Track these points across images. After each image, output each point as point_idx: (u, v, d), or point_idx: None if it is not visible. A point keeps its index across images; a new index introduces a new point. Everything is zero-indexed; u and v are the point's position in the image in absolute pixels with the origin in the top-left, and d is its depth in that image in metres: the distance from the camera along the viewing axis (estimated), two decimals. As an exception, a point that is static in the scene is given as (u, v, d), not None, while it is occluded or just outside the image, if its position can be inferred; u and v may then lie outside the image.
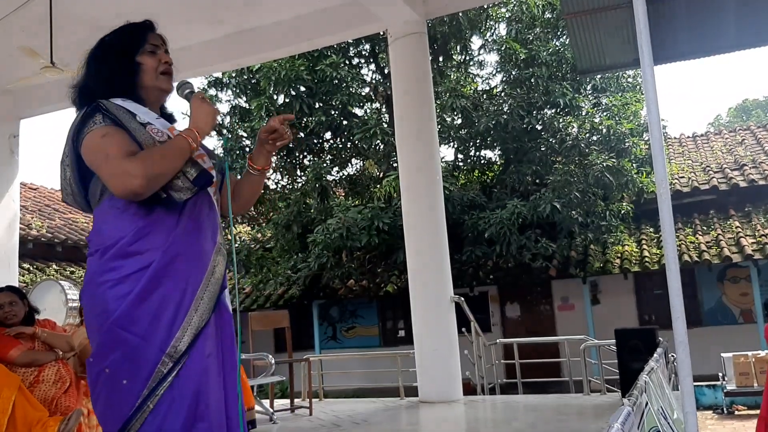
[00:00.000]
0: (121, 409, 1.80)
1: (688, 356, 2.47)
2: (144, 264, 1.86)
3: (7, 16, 6.40)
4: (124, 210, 1.90)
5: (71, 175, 1.99)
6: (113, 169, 1.84)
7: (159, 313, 1.85)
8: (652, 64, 2.97)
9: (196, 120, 2.02)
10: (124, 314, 1.82)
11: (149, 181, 1.84)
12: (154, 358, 1.82)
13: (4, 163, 8.36)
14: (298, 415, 6.48)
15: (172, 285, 1.88)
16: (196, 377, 1.86)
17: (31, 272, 12.87)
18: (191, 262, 1.93)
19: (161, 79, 2.09)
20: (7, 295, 4.44)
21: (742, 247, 12.96)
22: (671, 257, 2.45)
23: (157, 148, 1.92)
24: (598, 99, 14.82)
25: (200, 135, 2.00)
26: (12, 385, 3.86)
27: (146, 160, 1.86)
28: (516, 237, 13.06)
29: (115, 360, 1.82)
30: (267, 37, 7.47)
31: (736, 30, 6.47)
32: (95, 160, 1.89)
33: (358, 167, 15.66)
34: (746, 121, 28.70)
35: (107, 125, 1.91)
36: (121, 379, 1.81)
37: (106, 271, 1.87)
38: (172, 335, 1.84)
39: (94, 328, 1.89)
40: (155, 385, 1.81)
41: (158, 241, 1.89)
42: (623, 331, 5.98)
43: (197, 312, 1.90)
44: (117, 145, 1.87)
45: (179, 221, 1.94)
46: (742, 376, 10.38)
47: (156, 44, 2.11)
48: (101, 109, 1.94)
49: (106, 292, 1.85)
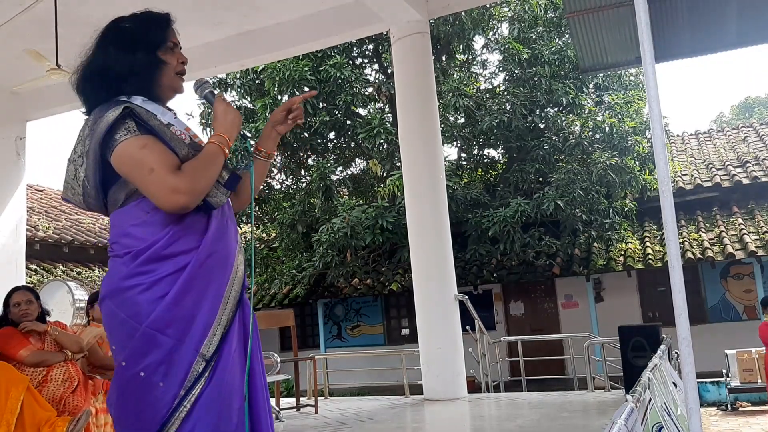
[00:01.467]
0: (158, 411, 1.79)
1: (692, 353, 2.50)
2: (179, 266, 1.86)
3: (12, 19, 6.44)
4: (155, 213, 1.88)
5: (86, 177, 1.93)
6: (159, 184, 1.82)
7: (193, 314, 1.85)
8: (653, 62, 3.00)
9: (223, 126, 1.99)
10: (160, 317, 1.81)
11: (197, 196, 1.85)
12: (190, 358, 1.82)
13: (11, 165, 8.40)
14: (303, 413, 6.51)
15: (204, 286, 1.88)
16: (226, 375, 1.87)
17: (38, 273, 12.94)
18: (220, 262, 1.94)
19: (176, 78, 2.06)
20: (24, 294, 4.49)
21: (745, 243, 12.96)
22: (674, 254, 2.48)
23: (198, 160, 1.90)
24: (601, 97, 14.83)
25: (229, 141, 1.98)
26: (20, 384, 3.89)
27: (191, 174, 1.85)
28: (519, 235, 13.08)
29: (151, 363, 1.80)
30: (271, 38, 7.49)
31: (738, 27, 6.48)
32: (135, 173, 1.85)
33: (362, 167, 15.69)
34: (749, 118, 28.64)
35: (143, 135, 1.87)
36: (157, 382, 1.80)
37: (138, 275, 1.85)
38: (205, 335, 1.85)
39: (122, 333, 1.85)
40: (190, 385, 1.81)
41: (191, 243, 1.89)
42: (627, 328, 5.99)
43: (225, 311, 1.92)
44: (159, 158, 1.84)
45: (209, 224, 1.94)
46: (746, 373, 10.39)
47: (175, 42, 2.06)
48: (134, 115, 1.89)
49: (139, 296, 1.83)
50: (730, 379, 10.60)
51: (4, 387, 3.80)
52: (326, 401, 7.46)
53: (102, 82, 1.96)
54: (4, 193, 8.22)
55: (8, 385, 3.82)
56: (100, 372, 4.76)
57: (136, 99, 1.97)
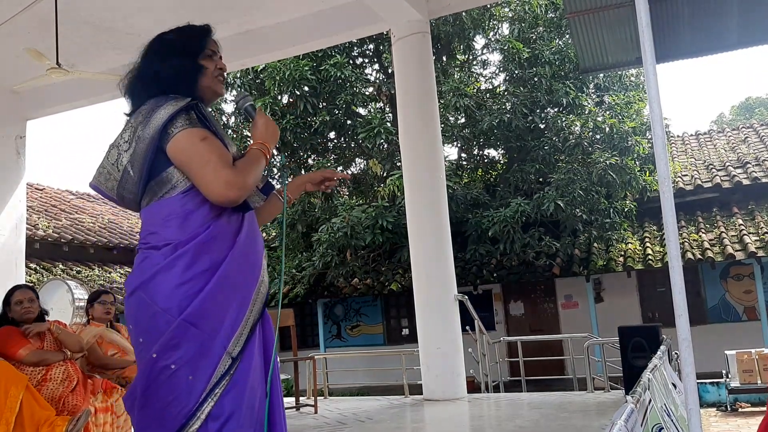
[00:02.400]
0: (186, 405, 1.82)
1: (692, 354, 2.50)
2: (215, 262, 1.91)
3: (12, 18, 6.44)
4: (196, 209, 1.94)
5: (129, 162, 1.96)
6: (215, 176, 1.89)
7: (225, 311, 1.89)
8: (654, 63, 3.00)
9: (264, 136, 2.10)
10: (196, 310, 1.85)
11: (245, 192, 1.95)
12: (218, 355, 1.86)
13: (10, 164, 8.40)
14: (303, 413, 6.51)
15: (235, 285, 1.94)
16: (250, 376, 1.91)
17: (37, 272, 12.93)
18: (250, 265, 2.02)
19: (216, 82, 2.16)
20: (26, 292, 4.50)
21: (745, 244, 12.96)
22: (674, 255, 2.47)
23: (248, 159, 2.01)
24: (601, 98, 14.84)
25: (269, 150, 2.10)
26: (20, 383, 3.89)
27: (243, 171, 1.95)
28: (519, 235, 13.09)
29: (183, 356, 1.83)
30: (272, 38, 7.49)
31: (739, 28, 6.48)
32: (193, 162, 1.92)
33: (362, 166, 15.70)
34: (749, 118, 28.64)
35: (202, 128, 1.97)
36: (186, 375, 1.83)
37: (176, 267, 1.88)
38: (232, 334, 1.89)
39: (154, 324, 1.86)
40: (216, 382, 1.85)
41: (227, 242, 1.95)
42: (627, 328, 5.99)
43: (252, 313, 1.98)
44: (218, 152, 1.93)
45: (241, 227, 2.01)
46: (746, 374, 10.38)
47: (214, 50, 2.18)
48: (196, 108, 2.00)
49: (176, 289, 1.86)
50: (729, 380, 10.60)
51: (4, 386, 3.80)
52: (326, 401, 7.45)
53: (151, 83, 2.05)
54: (4, 191, 8.22)
55: (7, 384, 3.82)
56: (99, 371, 4.76)
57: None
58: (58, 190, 18.32)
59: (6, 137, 8.40)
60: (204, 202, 1.94)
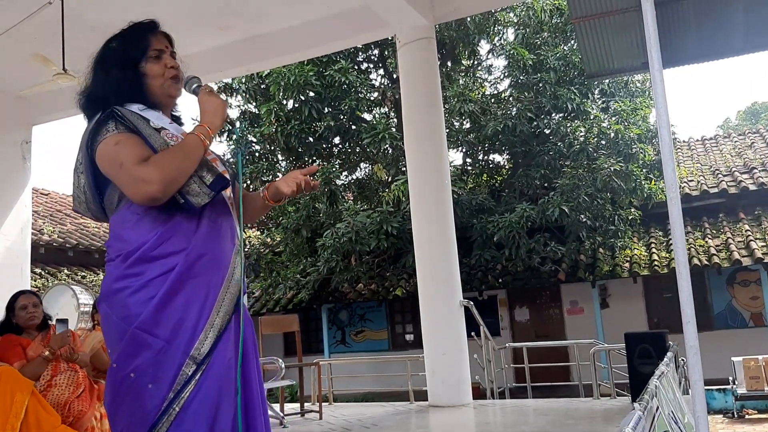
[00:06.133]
0: (148, 413, 1.79)
1: (699, 361, 2.48)
2: (167, 268, 1.86)
3: (19, 24, 6.46)
4: (144, 215, 1.90)
5: (86, 182, 1.98)
6: (129, 176, 1.84)
7: (183, 316, 1.85)
8: (661, 69, 2.99)
9: (205, 114, 2.01)
10: (149, 318, 1.82)
11: (166, 186, 1.84)
12: (179, 361, 1.82)
13: (16, 168, 8.43)
14: (308, 419, 6.50)
15: (194, 287, 1.88)
16: (218, 380, 1.86)
17: (42, 277, 12.96)
18: (212, 264, 1.94)
19: (168, 84, 2.07)
20: (30, 297, 4.50)
21: (752, 250, 12.90)
22: (682, 262, 2.46)
23: (169, 150, 1.90)
24: (607, 104, 14.81)
25: (212, 130, 1.98)
26: (25, 389, 3.88)
27: (160, 164, 1.85)
28: (525, 241, 13.05)
29: (140, 365, 1.81)
30: (277, 43, 7.51)
31: (745, 33, 6.47)
32: (110, 169, 1.89)
33: (367, 171, 15.70)
34: (755, 124, 28.58)
35: (120, 132, 1.90)
36: (146, 384, 1.80)
37: (128, 277, 1.86)
38: (195, 337, 1.85)
39: (114, 334, 1.87)
40: (180, 388, 1.81)
41: (180, 244, 1.89)
42: (633, 335, 5.96)
43: (219, 314, 1.91)
44: (131, 151, 1.86)
45: (199, 225, 1.94)
46: (753, 380, 10.33)
47: (160, 48, 2.07)
48: (115, 115, 1.92)
49: (128, 298, 1.85)
50: (736, 386, 10.55)
51: (9, 391, 3.79)
52: (330, 407, 7.44)
53: (96, 103, 2.02)
54: (10, 196, 8.25)
55: (13, 390, 3.81)
56: (105, 377, 4.75)
57: (132, 106, 2.00)
58: (63, 195, 18.36)
59: (12, 142, 8.44)
60: (149, 210, 1.90)
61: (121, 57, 2.03)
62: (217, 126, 2.01)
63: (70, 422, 4.03)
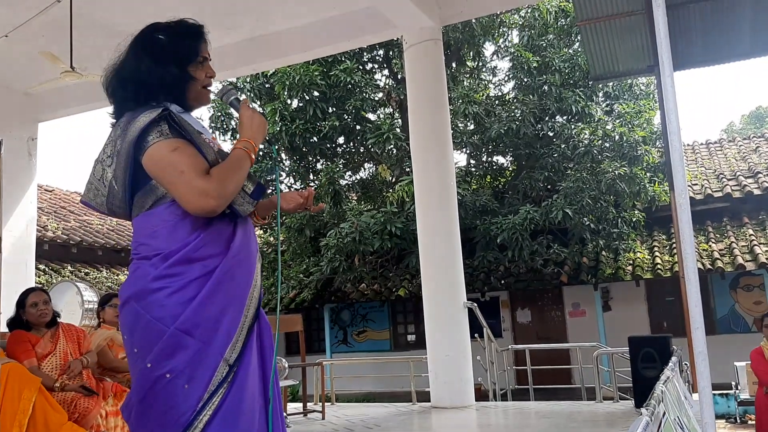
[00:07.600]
0: (183, 414, 1.80)
1: (707, 366, 2.49)
2: (208, 269, 1.88)
3: (27, 22, 6.48)
4: (184, 217, 1.90)
5: (113, 177, 1.94)
6: (189, 186, 1.84)
7: (219, 318, 1.86)
8: (672, 73, 2.99)
9: (249, 131, 2.02)
10: (189, 319, 1.83)
11: (224, 200, 1.87)
12: (214, 362, 1.83)
13: (22, 165, 8.45)
14: (310, 419, 6.50)
15: (229, 290, 1.90)
16: (248, 382, 1.89)
17: (46, 273, 12.98)
18: (244, 268, 1.97)
19: (203, 92, 2.09)
20: (40, 295, 4.52)
21: (756, 255, 12.88)
22: (690, 268, 2.46)
23: (225, 165, 1.92)
24: (611, 106, 14.80)
25: (255, 147, 2.01)
26: (32, 386, 3.90)
27: (221, 178, 1.87)
28: (528, 242, 13.05)
29: (178, 365, 1.81)
30: (283, 43, 7.52)
31: (751, 38, 6.47)
32: (166, 175, 1.87)
33: (371, 172, 15.71)
34: (760, 128, 28.52)
35: (175, 138, 1.90)
36: (182, 384, 1.81)
37: (167, 277, 1.86)
38: (229, 340, 1.87)
39: (148, 334, 1.85)
40: (214, 389, 1.82)
41: (219, 247, 1.92)
42: (637, 338, 5.96)
43: (247, 317, 1.94)
44: (192, 162, 1.87)
45: (235, 229, 1.97)
46: (756, 385, 10.31)
47: (206, 56, 2.09)
48: (170, 118, 1.92)
49: (167, 298, 1.84)
50: (739, 391, 10.53)
51: (17, 388, 3.81)
52: (333, 407, 7.45)
53: (134, 90, 1.98)
54: (16, 192, 8.27)
55: (21, 386, 3.83)
56: (110, 374, 4.77)
57: (172, 107, 1.99)
58: (68, 191, 18.39)
59: (18, 139, 8.46)
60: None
61: (173, 52, 2.01)
62: (259, 143, 2.04)
63: (76, 419, 4.05)
